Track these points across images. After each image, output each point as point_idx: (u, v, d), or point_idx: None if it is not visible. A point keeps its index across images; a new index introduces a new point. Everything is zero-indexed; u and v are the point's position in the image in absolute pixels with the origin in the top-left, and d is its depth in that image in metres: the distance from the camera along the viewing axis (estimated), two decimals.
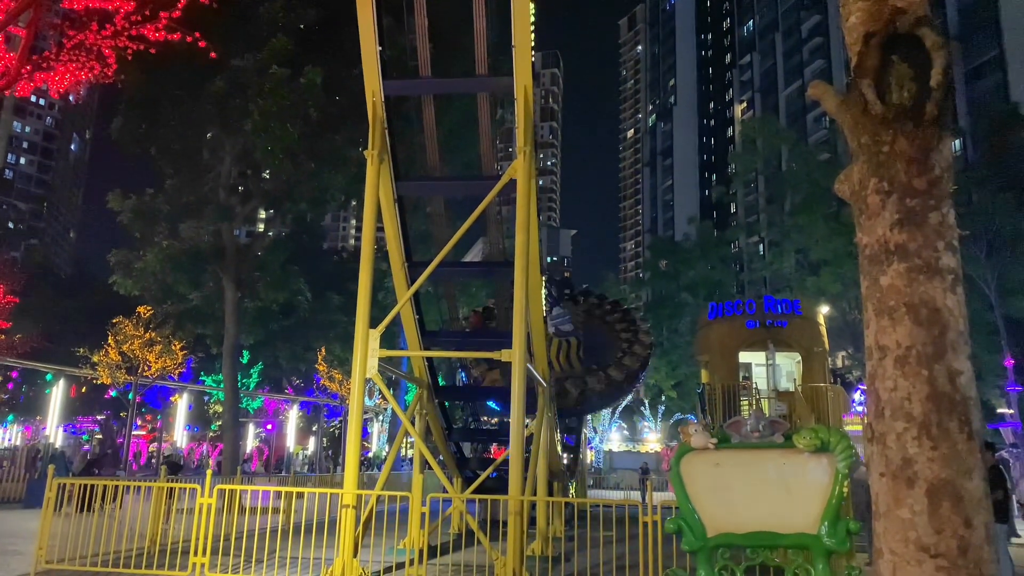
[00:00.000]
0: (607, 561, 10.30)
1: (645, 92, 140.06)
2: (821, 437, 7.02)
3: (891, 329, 3.02)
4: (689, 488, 7.21)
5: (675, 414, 56.26)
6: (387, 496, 12.13)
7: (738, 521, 7.06)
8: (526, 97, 11.63)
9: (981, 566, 2.77)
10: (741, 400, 21.54)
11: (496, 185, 12.20)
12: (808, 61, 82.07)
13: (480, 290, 42.83)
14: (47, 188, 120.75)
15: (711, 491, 7.19)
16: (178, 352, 34.33)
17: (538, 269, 13.46)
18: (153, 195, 27.85)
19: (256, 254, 32.02)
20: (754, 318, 23.76)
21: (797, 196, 44.79)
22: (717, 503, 7.15)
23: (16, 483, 22.33)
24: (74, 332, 43.12)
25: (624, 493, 33.82)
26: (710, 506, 7.14)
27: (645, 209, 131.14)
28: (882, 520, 2.97)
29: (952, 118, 3.22)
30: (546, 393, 14.57)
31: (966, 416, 2.88)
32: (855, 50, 3.25)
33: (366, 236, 12.03)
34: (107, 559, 10.40)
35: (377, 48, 11.87)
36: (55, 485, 10.56)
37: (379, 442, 53.35)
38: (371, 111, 12.05)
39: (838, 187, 3.36)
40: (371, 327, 11.36)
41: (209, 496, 10.03)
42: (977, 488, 2.84)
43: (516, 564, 9.84)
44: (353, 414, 11.51)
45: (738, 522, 7.06)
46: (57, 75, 14.53)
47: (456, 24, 21.30)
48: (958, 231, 3.07)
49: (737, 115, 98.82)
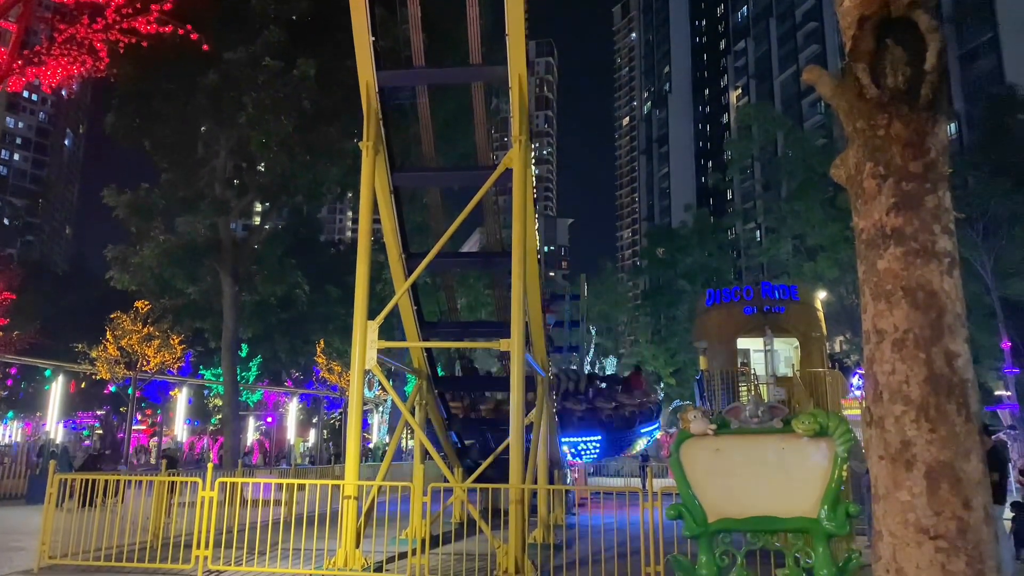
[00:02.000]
0: (608, 548, 10.35)
1: (640, 79, 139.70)
2: (820, 421, 7.04)
3: (888, 313, 3.03)
4: (689, 474, 7.24)
5: (674, 401, 56.43)
6: (388, 487, 12.17)
7: (738, 506, 7.10)
8: (520, 86, 11.60)
9: (980, 547, 2.79)
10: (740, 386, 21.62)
11: (492, 175, 12.18)
12: (803, 46, 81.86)
13: (478, 281, 42.82)
14: (42, 184, 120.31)
15: (711, 477, 7.22)
16: (177, 346, 34.29)
17: (535, 258, 13.46)
18: (148, 190, 27.76)
19: (253, 248, 31.96)
20: (752, 304, 23.82)
21: (793, 182, 44.77)
22: (717, 489, 7.18)
23: (18, 479, 22.38)
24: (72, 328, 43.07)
25: (624, 480, 33.95)
26: (710, 492, 7.17)
27: (641, 197, 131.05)
28: (881, 503, 2.99)
29: (947, 101, 3.22)
30: (545, 383, 14.60)
31: (964, 398, 2.90)
32: (849, 34, 3.24)
33: (362, 228, 12.02)
34: (110, 554, 10.44)
35: (370, 39, 11.83)
36: (56, 481, 10.59)
37: (379, 433, 53.44)
38: (365, 102, 12.02)
39: (834, 172, 3.37)
40: (369, 319, 11.38)
41: (211, 489, 10.06)
42: (976, 469, 2.86)
43: (518, 552, 9.89)
44: (353, 406, 11.53)
45: (738, 507, 7.09)
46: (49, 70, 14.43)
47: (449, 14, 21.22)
48: (954, 214, 3.07)
49: (732, 101, 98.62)
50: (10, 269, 41.57)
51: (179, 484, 13.15)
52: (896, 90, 3.10)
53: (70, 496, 11.34)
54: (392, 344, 12.74)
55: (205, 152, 27.96)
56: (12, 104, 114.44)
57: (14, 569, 10.17)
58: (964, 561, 2.77)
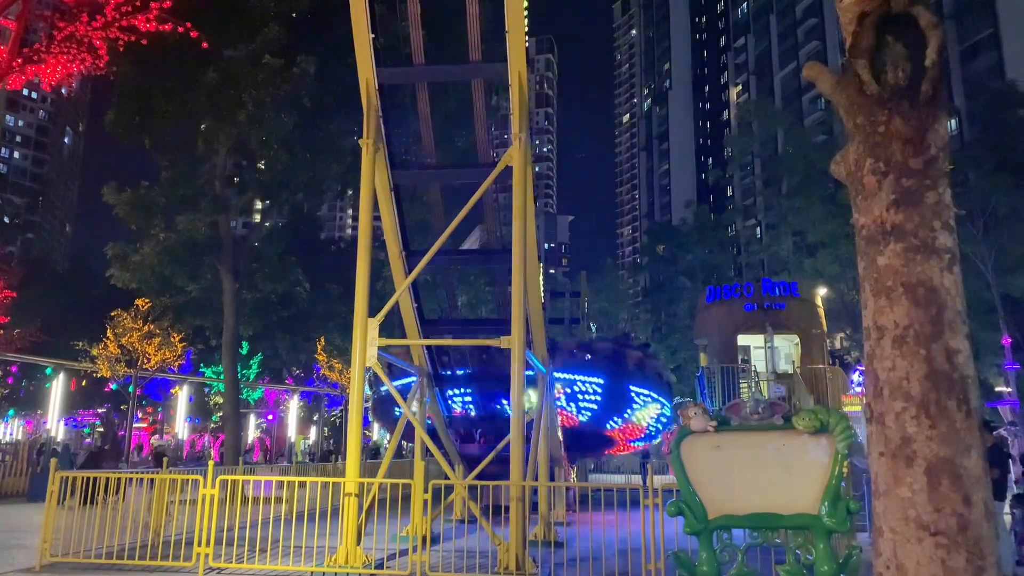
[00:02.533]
0: (609, 545, 10.36)
1: (640, 76, 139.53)
2: (820, 418, 7.05)
3: (889, 309, 3.03)
4: (690, 471, 7.25)
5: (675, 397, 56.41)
6: (389, 484, 12.18)
7: (739, 503, 7.11)
8: (520, 83, 11.59)
9: (981, 543, 2.79)
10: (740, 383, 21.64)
11: (492, 172, 12.18)
12: (803, 42, 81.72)
13: (479, 278, 42.84)
14: (42, 182, 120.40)
15: (712, 474, 7.23)
16: (177, 344, 34.32)
17: (536, 255, 13.46)
18: (148, 188, 27.72)
19: (253, 245, 31.94)
20: (752, 301, 23.85)
21: (794, 178, 44.72)
22: (718, 485, 7.19)
23: (19, 477, 22.40)
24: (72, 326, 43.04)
25: (625, 477, 33.97)
26: (711, 489, 7.18)
27: (642, 194, 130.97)
28: (882, 499, 2.99)
29: (947, 97, 3.23)
30: (545, 380, 14.60)
31: (964, 394, 2.90)
32: (850, 30, 3.24)
33: (363, 225, 12.02)
34: (111, 551, 10.45)
35: (370, 36, 11.82)
36: (58, 479, 10.60)
37: (380, 431, 53.47)
38: (365, 99, 12.01)
39: (834, 168, 3.37)
40: (370, 316, 11.38)
41: (212, 487, 10.07)
42: (976, 466, 2.86)
43: (519, 549, 9.90)
44: (354, 403, 11.54)
45: (739, 504, 7.11)
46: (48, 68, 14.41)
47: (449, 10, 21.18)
48: (955, 210, 3.07)
49: (732, 98, 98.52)
50: (10, 267, 41.55)
51: (177, 482, 13.15)
52: (896, 86, 3.10)
53: (71, 494, 11.35)
54: (393, 342, 12.75)
55: (205, 150, 27.90)
56: (12, 102, 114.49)
57: (15, 567, 10.18)
58: (964, 557, 2.77)
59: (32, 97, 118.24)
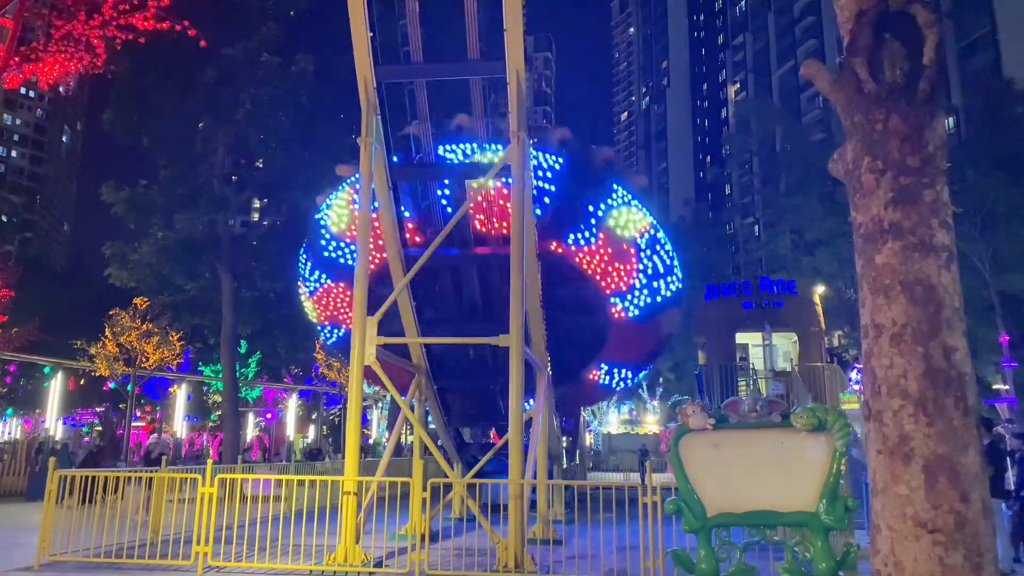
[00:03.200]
0: (608, 543, 10.37)
1: (638, 74, 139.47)
2: (818, 416, 7.06)
3: (886, 307, 3.03)
4: (688, 469, 7.26)
5: (673, 395, 56.46)
6: (388, 482, 12.18)
7: (737, 501, 7.12)
8: (518, 81, 11.58)
9: (978, 540, 2.80)
10: (738, 380, 21.68)
11: (491, 171, 12.19)
12: (801, 41, 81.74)
13: None
14: (40, 181, 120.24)
15: (710, 471, 7.24)
16: (176, 343, 34.30)
17: (534, 254, 13.45)
18: (147, 186, 27.70)
19: (252, 243, 31.89)
20: (750, 299, 23.89)
21: (792, 176, 44.75)
22: (716, 483, 7.20)
23: (18, 476, 22.37)
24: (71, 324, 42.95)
25: (624, 475, 33.99)
26: (709, 486, 7.19)
27: None
28: (880, 496, 3.00)
29: (945, 95, 3.23)
30: (545, 378, 14.59)
31: (962, 392, 2.90)
32: (847, 29, 3.24)
33: (362, 223, 12.01)
34: (110, 550, 10.45)
35: (368, 34, 11.81)
36: (56, 477, 10.59)
37: (379, 429, 53.46)
38: (363, 98, 12.00)
39: (832, 166, 3.37)
40: (368, 314, 11.37)
41: (210, 486, 10.07)
42: (973, 463, 2.87)
43: (517, 547, 9.91)
44: (352, 402, 11.54)
45: (737, 502, 7.12)
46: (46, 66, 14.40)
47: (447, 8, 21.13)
48: (952, 208, 3.08)
49: (730, 96, 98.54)
50: (8, 266, 41.46)
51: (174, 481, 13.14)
52: (894, 85, 3.10)
53: (70, 493, 11.35)
54: (391, 340, 12.75)
55: (203, 148, 27.89)
56: (9, 101, 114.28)
57: (14, 566, 10.18)
58: (962, 554, 2.78)
59: (30, 96, 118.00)
